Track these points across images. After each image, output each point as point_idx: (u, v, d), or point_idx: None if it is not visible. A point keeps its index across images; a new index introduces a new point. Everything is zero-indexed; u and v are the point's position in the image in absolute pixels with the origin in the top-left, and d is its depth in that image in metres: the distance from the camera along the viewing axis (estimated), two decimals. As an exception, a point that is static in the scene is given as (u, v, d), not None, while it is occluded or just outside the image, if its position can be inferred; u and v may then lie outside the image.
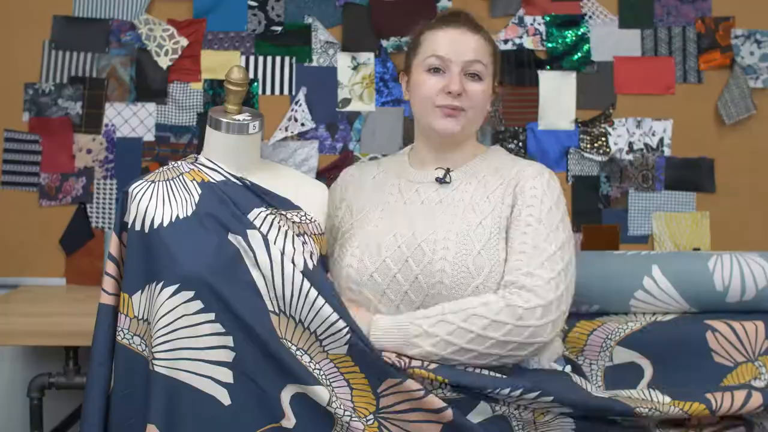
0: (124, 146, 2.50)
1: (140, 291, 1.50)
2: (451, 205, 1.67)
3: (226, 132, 1.64)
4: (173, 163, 1.67)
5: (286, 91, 2.51)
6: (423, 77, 1.72)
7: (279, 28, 2.52)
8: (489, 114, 1.82)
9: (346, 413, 1.43)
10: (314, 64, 2.52)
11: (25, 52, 2.50)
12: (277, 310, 1.47)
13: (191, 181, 1.58)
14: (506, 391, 1.46)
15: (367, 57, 2.52)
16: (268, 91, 2.51)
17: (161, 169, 1.65)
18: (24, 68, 2.50)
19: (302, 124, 2.49)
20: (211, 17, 2.51)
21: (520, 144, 2.48)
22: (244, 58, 2.51)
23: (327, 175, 2.47)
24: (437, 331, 1.51)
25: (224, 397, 1.43)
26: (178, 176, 1.60)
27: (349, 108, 2.51)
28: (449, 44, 1.71)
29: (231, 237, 1.50)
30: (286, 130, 2.48)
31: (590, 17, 2.52)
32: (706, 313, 2.00)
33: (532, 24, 2.52)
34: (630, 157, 2.50)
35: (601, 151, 2.49)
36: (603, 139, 2.50)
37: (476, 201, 1.67)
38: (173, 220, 1.51)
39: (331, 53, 2.52)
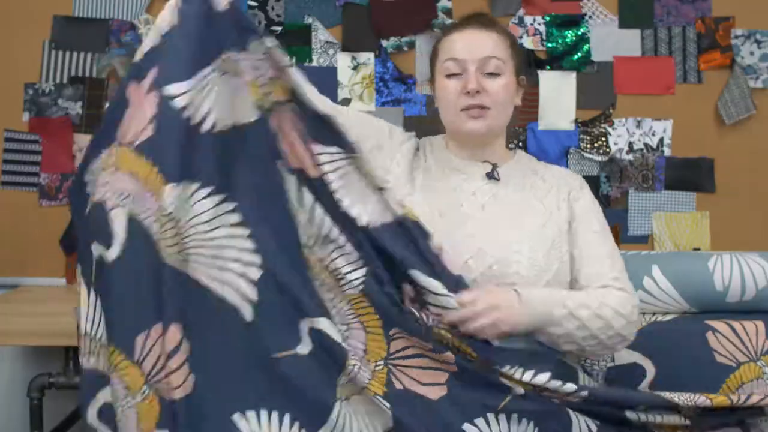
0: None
1: (176, 183, 1.39)
2: (507, 203, 1.67)
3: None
4: None
5: (286, 91, 2.51)
6: (443, 83, 1.71)
7: (279, 28, 2.52)
8: (519, 110, 1.82)
9: (355, 361, 1.42)
10: (314, 64, 2.52)
11: (25, 52, 2.50)
12: (308, 244, 1.46)
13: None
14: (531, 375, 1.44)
15: (367, 57, 2.52)
16: (268, 91, 2.51)
17: (223, 57, 1.48)
18: (24, 68, 2.50)
19: (302, 124, 2.48)
20: (211, 17, 2.51)
21: (521, 144, 2.48)
22: (244, 58, 2.51)
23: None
24: (581, 314, 1.52)
25: (248, 313, 1.40)
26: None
27: (349, 108, 2.50)
28: (464, 46, 1.70)
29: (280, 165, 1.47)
30: (286, 130, 2.47)
31: (590, 17, 2.52)
32: (706, 313, 2.00)
33: (532, 24, 2.52)
34: (630, 157, 2.50)
35: (601, 151, 2.49)
36: (603, 139, 2.50)
37: (531, 204, 1.68)
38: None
39: (331, 53, 2.52)
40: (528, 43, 2.51)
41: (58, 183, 2.49)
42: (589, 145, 2.50)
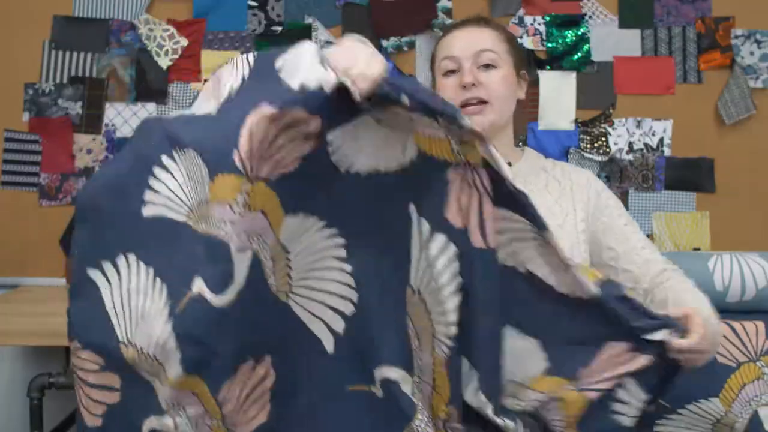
0: (124, 146, 2.49)
1: (293, 215, 1.35)
2: None
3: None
4: None
5: (286, 91, 2.51)
6: (442, 82, 1.72)
7: (279, 28, 2.52)
8: (524, 105, 1.81)
9: (422, 417, 1.40)
10: (314, 64, 2.51)
11: (25, 52, 2.50)
12: (414, 286, 1.41)
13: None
14: None
15: (367, 57, 2.51)
16: (268, 91, 2.51)
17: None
18: (24, 68, 2.50)
19: (302, 124, 2.48)
20: (211, 17, 2.52)
21: (520, 144, 2.48)
22: (244, 58, 2.51)
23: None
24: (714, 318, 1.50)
25: (330, 345, 1.39)
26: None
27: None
28: (459, 43, 1.71)
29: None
30: (286, 130, 2.47)
31: (590, 17, 2.52)
32: (706, 313, 2.00)
33: (532, 24, 2.52)
34: (630, 157, 2.50)
35: (601, 151, 2.49)
36: (603, 139, 2.50)
37: (548, 206, 1.66)
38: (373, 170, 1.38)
39: (331, 53, 2.52)
40: (528, 43, 2.51)
41: (58, 183, 2.49)
42: (589, 145, 2.50)
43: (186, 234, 1.33)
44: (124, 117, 2.51)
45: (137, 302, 1.36)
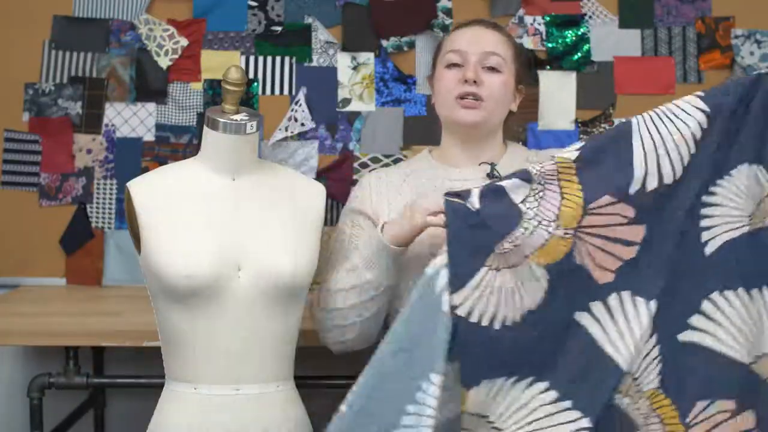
0: (124, 146, 2.50)
1: (476, 386, 1.44)
2: None
3: (223, 132, 1.64)
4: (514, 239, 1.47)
5: (286, 91, 2.51)
6: (443, 73, 1.73)
7: (279, 28, 2.52)
8: (517, 116, 1.82)
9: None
10: (314, 64, 2.52)
11: (25, 52, 2.50)
12: (627, 368, 1.46)
13: (537, 266, 1.47)
14: None
15: (367, 57, 2.52)
16: (268, 91, 2.51)
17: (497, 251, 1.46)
18: (24, 68, 2.50)
19: (302, 124, 2.49)
20: (211, 17, 2.52)
21: (520, 144, 2.48)
22: (244, 58, 2.51)
23: (327, 175, 2.47)
24: None
25: None
26: (522, 261, 1.47)
27: (349, 108, 2.51)
28: (467, 40, 1.72)
29: (578, 315, 1.46)
30: (286, 130, 2.48)
31: (590, 17, 2.52)
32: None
33: (532, 24, 2.51)
34: (630, 157, 2.49)
35: (601, 151, 2.49)
36: (603, 139, 2.50)
37: None
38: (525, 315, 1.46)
39: (331, 53, 2.52)
40: (528, 43, 2.51)
41: (58, 183, 2.49)
42: (589, 145, 2.50)
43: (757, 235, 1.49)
44: (124, 117, 2.51)
45: None
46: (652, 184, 1.46)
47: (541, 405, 1.44)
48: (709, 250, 1.47)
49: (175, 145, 2.50)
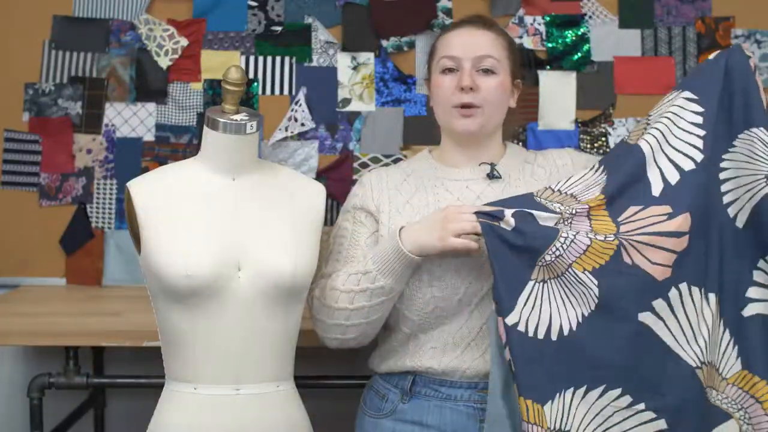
0: (124, 146, 2.50)
1: (551, 401, 1.46)
2: None
3: (223, 132, 1.64)
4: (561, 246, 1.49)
5: (286, 91, 2.51)
6: (438, 80, 1.72)
7: (279, 28, 2.52)
8: (517, 112, 1.82)
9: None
10: (314, 64, 2.52)
11: (25, 52, 2.50)
12: (699, 363, 1.48)
13: (582, 272, 1.48)
14: None
15: (367, 57, 2.52)
16: (268, 91, 2.51)
17: (540, 263, 1.49)
18: (24, 68, 2.50)
19: (302, 124, 2.49)
20: (211, 17, 2.52)
21: (520, 144, 2.48)
22: (244, 58, 2.51)
23: (327, 175, 2.47)
24: None
25: None
26: (566, 270, 1.49)
27: (349, 108, 2.51)
28: (460, 43, 1.71)
29: (642, 317, 1.47)
30: (286, 130, 2.48)
31: (590, 17, 2.52)
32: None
33: (532, 24, 2.51)
34: (630, 157, 2.50)
35: (601, 151, 2.49)
36: (603, 139, 2.50)
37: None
38: (580, 322, 1.48)
39: (331, 53, 2.52)
40: (528, 43, 2.51)
41: (58, 183, 2.49)
42: (589, 145, 2.50)
43: None
44: (124, 117, 2.51)
45: None
46: (674, 177, 1.51)
47: (616, 411, 1.46)
48: (740, 222, 1.51)
49: (175, 145, 2.50)
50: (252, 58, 2.52)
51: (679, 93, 1.56)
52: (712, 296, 1.49)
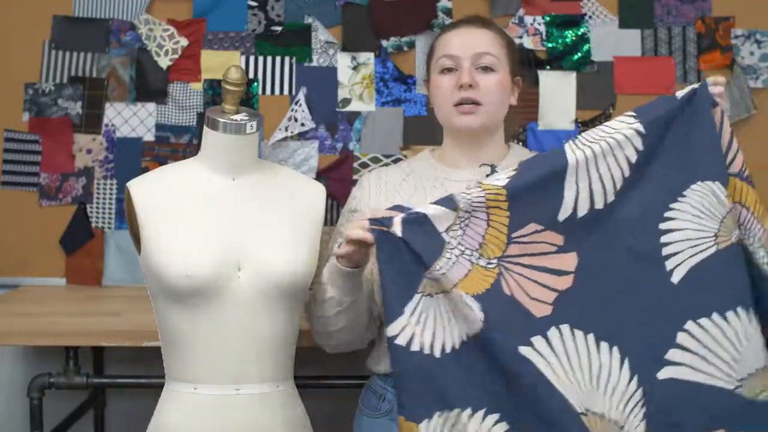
0: (124, 146, 2.50)
1: (428, 419, 1.40)
2: None
3: (223, 132, 1.64)
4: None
5: (286, 91, 2.51)
6: (438, 79, 1.72)
7: (279, 28, 2.52)
8: (517, 111, 1.82)
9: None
10: (314, 64, 2.52)
11: (25, 52, 2.50)
12: (584, 410, 1.39)
13: (466, 294, 1.41)
14: None
15: (367, 57, 2.52)
16: (268, 91, 2.51)
17: (427, 276, 1.43)
18: (24, 68, 2.50)
19: (302, 124, 2.49)
20: (211, 17, 2.52)
21: (520, 144, 2.48)
22: (244, 58, 2.51)
23: (327, 175, 2.47)
24: None
25: None
26: (452, 288, 1.43)
27: (349, 108, 2.51)
28: (458, 42, 1.71)
29: (522, 350, 1.40)
30: (286, 130, 2.48)
31: (590, 17, 2.52)
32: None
33: (532, 24, 2.51)
34: (630, 157, 2.50)
35: (601, 151, 2.49)
36: (603, 139, 2.50)
37: None
38: (465, 341, 1.42)
39: (331, 53, 2.52)
40: (528, 43, 2.51)
41: (58, 183, 2.49)
42: (589, 145, 2.50)
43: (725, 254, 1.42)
44: (124, 117, 2.51)
45: None
46: (583, 209, 1.42)
47: None
48: (676, 278, 1.41)
49: (175, 145, 2.50)
50: (252, 58, 2.52)
51: (634, 121, 1.45)
52: (608, 347, 1.39)
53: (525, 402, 1.39)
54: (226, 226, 1.62)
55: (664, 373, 1.40)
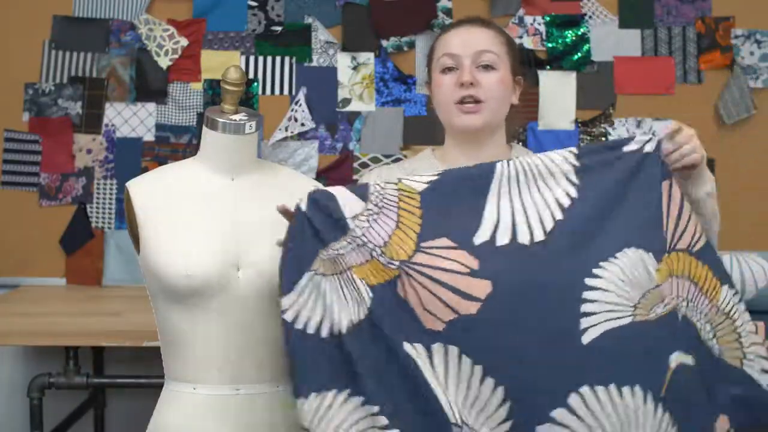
0: (124, 146, 2.50)
1: (305, 397, 1.37)
2: None
3: (223, 132, 1.64)
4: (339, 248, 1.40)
5: (286, 91, 2.52)
6: (439, 79, 1.72)
7: (279, 28, 2.52)
8: (519, 110, 1.81)
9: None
10: (314, 64, 2.52)
11: (25, 52, 2.50)
12: (459, 422, 1.34)
13: (360, 280, 1.38)
14: None
15: (367, 57, 2.52)
16: (268, 91, 2.51)
17: (322, 256, 1.39)
18: (24, 68, 2.50)
19: (302, 124, 2.49)
20: (211, 17, 2.52)
21: (520, 144, 2.48)
22: (244, 58, 2.52)
23: (327, 175, 2.47)
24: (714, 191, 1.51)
25: None
26: (346, 270, 1.39)
27: (349, 108, 2.51)
28: (459, 41, 1.71)
29: (407, 347, 1.35)
30: (286, 130, 2.48)
31: (590, 17, 2.52)
32: (705, 314, 2.00)
33: (532, 24, 2.51)
34: (630, 157, 2.50)
35: (601, 151, 2.49)
36: (603, 139, 2.50)
37: None
38: (351, 326, 1.37)
39: (331, 53, 2.52)
40: (528, 43, 2.51)
41: (58, 183, 2.49)
42: (589, 145, 2.50)
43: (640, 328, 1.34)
44: (124, 117, 2.51)
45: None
46: (503, 239, 1.36)
47: (372, 427, 1.35)
48: (587, 338, 1.32)
49: (175, 145, 2.50)
50: (252, 58, 2.52)
51: (574, 160, 1.39)
52: (493, 385, 1.33)
53: (403, 395, 1.34)
54: (225, 226, 1.62)
55: (543, 430, 1.32)
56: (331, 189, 1.40)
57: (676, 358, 1.35)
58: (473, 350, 1.33)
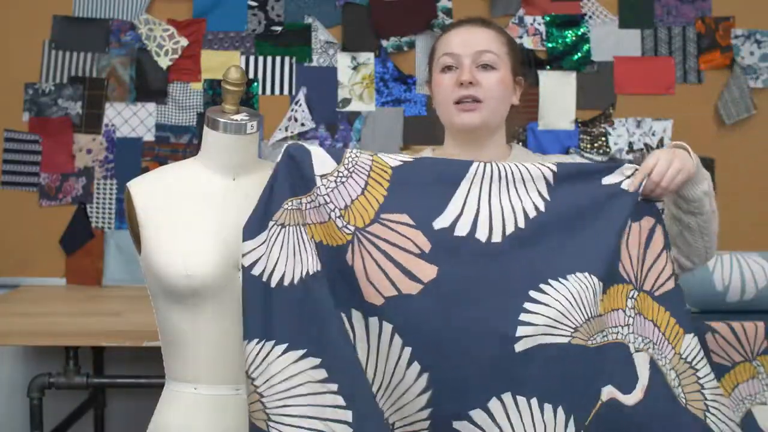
0: (124, 146, 2.50)
1: (248, 341, 1.39)
2: None
3: (224, 132, 1.63)
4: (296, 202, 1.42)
5: (286, 91, 2.52)
6: (439, 78, 1.72)
7: (279, 28, 2.52)
8: (518, 110, 1.82)
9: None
10: (314, 64, 2.52)
11: (25, 52, 2.50)
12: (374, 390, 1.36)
13: (311, 239, 1.39)
14: None
15: (367, 57, 2.52)
16: (268, 91, 2.51)
17: (285, 207, 1.41)
18: (24, 68, 2.50)
19: (302, 124, 2.49)
20: (211, 17, 2.52)
21: (520, 144, 2.48)
22: (244, 58, 2.52)
23: (327, 175, 2.47)
24: (712, 191, 1.57)
25: None
26: (302, 224, 1.41)
27: (349, 108, 2.51)
28: (459, 41, 1.71)
29: (344, 317, 1.35)
30: (286, 130, 2.48)
31: (590, 17, 2.52)
32: (706, 314, 2.00)
33: (532, 24, 2.52)
34: (630, 156, 2.50)
35: (601, 151, 2.49)
36: (603, 139, 2.50)
37: None
38: (302, 278, 1.38)
39: (331, 53, 2.52)
40: (528, 43, 2.51)
41: (58, 183, 2.49)
42: (589, 145, 2.50)
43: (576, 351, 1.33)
44: (124, 117, 2.51)
45: None
46: (461, 230, 1.36)
47: (309, 381, 1.35)
48: (520, 347, 1.30)
49: (175, 145, 2.50)
50: (252, 58, 2.52)
51: (551, 180, 1.40)
52: (418, 371, 1.31)
53: (342, 352, 1.35)
54: (226, 226, 1.62)
55: (459, 426, 1.31)
56: (308, 145, 1.42)
57: (609, 392, 1.33)
58: (406, 331, 1.33)
